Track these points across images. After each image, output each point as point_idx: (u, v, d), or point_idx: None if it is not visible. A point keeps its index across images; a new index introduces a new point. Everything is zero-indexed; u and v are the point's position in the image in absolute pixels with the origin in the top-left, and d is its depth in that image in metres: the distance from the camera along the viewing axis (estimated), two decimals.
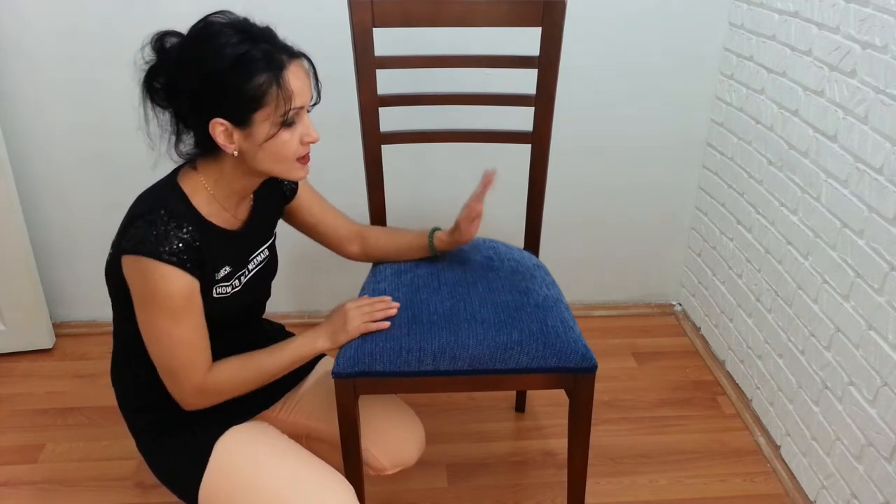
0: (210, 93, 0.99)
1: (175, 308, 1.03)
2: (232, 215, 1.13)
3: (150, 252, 0.99)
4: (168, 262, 1.00)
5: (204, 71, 0.98)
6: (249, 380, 1.13)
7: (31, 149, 1.89)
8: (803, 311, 1.56)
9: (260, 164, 1.06)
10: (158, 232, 1.00)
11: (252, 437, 1.18)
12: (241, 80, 0.98)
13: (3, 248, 1.85)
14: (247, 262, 1.18)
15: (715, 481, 1.63)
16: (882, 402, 1.31)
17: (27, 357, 2.01)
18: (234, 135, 1.02)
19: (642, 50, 1.90)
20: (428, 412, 1.82)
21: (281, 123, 1.02)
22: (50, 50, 1.77)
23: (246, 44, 0.98)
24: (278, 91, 0.99)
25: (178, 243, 1.01)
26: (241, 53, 0.97)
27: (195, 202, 1.07)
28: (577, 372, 1.19)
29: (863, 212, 1.35)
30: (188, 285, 1.03)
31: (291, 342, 1.17)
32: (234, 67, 0.97)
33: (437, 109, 1.45)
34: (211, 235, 1.08)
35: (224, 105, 1.00)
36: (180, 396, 1.10)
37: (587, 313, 2.25)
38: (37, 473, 1.63)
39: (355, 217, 1.40)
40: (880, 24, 1.28)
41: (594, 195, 2.09)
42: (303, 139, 1.06)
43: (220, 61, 0.97)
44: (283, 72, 1.00)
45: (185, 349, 1.06)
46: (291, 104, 1.01)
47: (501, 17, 1.35)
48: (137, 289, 1.03)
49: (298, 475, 1.14)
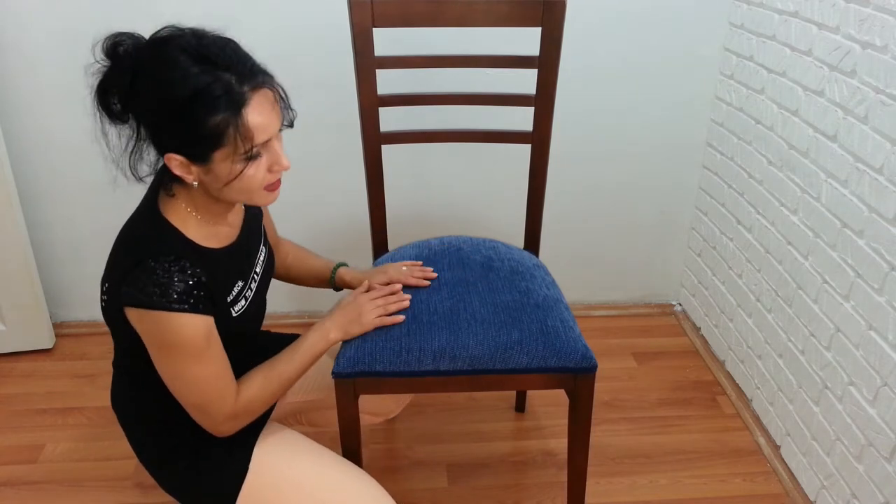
0: (165, 126, 0.92)
1: (197, 350, 0.98)
2: (227, 227, 1.09)
3: (157, 305, 0.94)
4: (180, 311, 0.94)
5: (158, 101, 0.90)
6: (276, 392, 1.11)
7: (31, 149, 1.89)
8: (803, 311, 1.56)
9: (225, 196, 1.00)
10: (161, 281, 0.94)
11: (282, 444, 1.16)
12: (197, 117, 0.89)
13: (3, 248, 1.85)
14: (252, 267, 1.16)
15: (715, 481, 1.63)
16: (882, 402, 1.31)
17: (27, 357, 2.01)
18: (192, 168, 0.95)
19: (642, 50, 1.90)
20: (428, 412, 1.82)
21: (246, 161, 0.95)
22: (50, 50, 1.77)
23: (206, 75, 0.89)
24: (237, 131, 0.91)
25: (185, 287, 0.95)
26: (198, 88, 0.88)
27: (188, 233, 1.01)
28: (578, 372, 1.19)
29: (863, 212, 1.35)
30: (204, 326, 0.98)
31: (304, 341, 1.14)
32: (190, 102, 0.88)
33: (437, 109, 1.45)
34: (212, 262, 1.03)
35: (179, 140, 0.93)
36: (214, 427, 1.06)
37: (587, 313, 2.25)
38: (37, 473, 1.62)
39: (356, 217, 1.40)
40: (880, 24, 1.28)
41: (594, 195, 2.09)
42: (271, 168, 0.98)
43: (176, 93, 0.88)
44: (244, 109, 0.90)
45: (213, 383, 1.02)
46: (253, 143, 0.93)
47: (501, 17, 1.35)
48: (152, 340, 0.99)
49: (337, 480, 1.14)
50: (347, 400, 1.19)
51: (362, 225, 1.65)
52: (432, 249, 1.39)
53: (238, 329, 1.09)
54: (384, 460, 1.67)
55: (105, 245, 1.08)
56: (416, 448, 1.70)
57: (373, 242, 1.53)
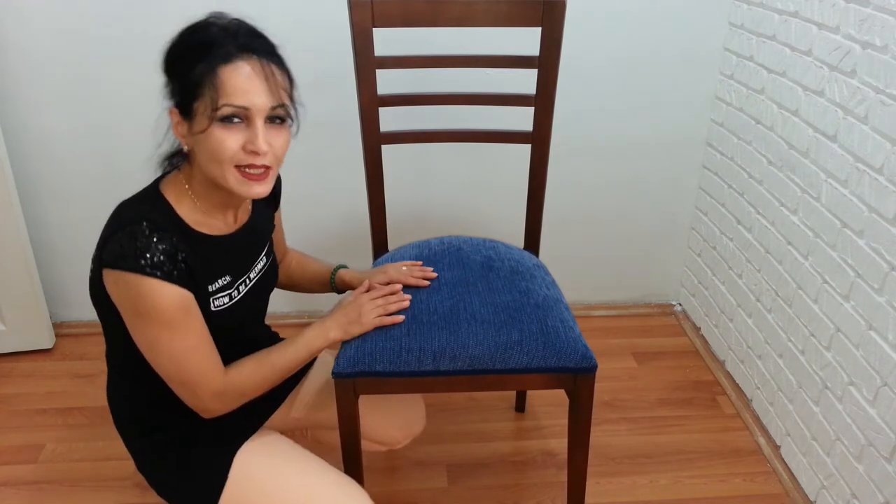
0: (167, 77, 1.00)
1: (171, 320, 0.97)
2: (221, 221, 1.09)
3: (131, 266, 0.94)
4: (151, 276, 0.94)
5: (166, 54, 1.00)
6: (267, 378, 1.10)
7: (31, 149, 1.89)
8: (803, 311, 1.56)
9: (203, 164, 1.01)
10: (140, 244, 0.94)
11: (268, 449, 1.17)
12: (185, 66, 0.96)
13: (3, 247, 1.85)
14: (248, 269, 1.15)
15: (715, 481, 1.63)
16: (882, 402, 1.31)
17: (27, 357, 2.01)
18: (184, 126, 1.00)
19: (642, 50, 1.90)
20: (428, 412, 1.81)
21: (212, 118, 0.95)
22: (50, 50, 1.77)
23: (212, 35, 0.96)
24: (211, 82, 0.95)
25: (161, 255, 0.95)
26: (194, 40, 0.97)
27: (180, 211, 1.03)
28: (578, 372, 1.19)
29: (863, 212, 1.35)
30: (178, 297, 0.97)
31: (303, 336, 1.14)
32: (184, 53, 0.97)
33: (437, 109, 1.45)
34: (200, 245, 1.03)
35: (173, 91, 1.00)
36: (200, 405, 1.05)
37: (587, 313, 2.25)
38: (37, 473, 1.63)
39: (356, 217, 1.40)
40: (880, 24, 1.28)
41: (594, 195, 2.09)
42: (245, 146, 0.98)
43: (178, 47, 0.98)
44: (224, 64, 0.95)
45: (193, 359, 1.01)
46: (221, 100, 0.95)
47: (501, 17, 1.35)
48: (125, 305, 0.98)
49: (320, 488, 1.14)
50: (347, 400, 1.18)
51: (362, 225, 1.66)
52: (432, 249, 1.39)
53: (219, 324, 1.07)
54: (384, 460, 1.67)
55: None
56: (416, 448, 1.70)
57: (373, 242, 1.53)
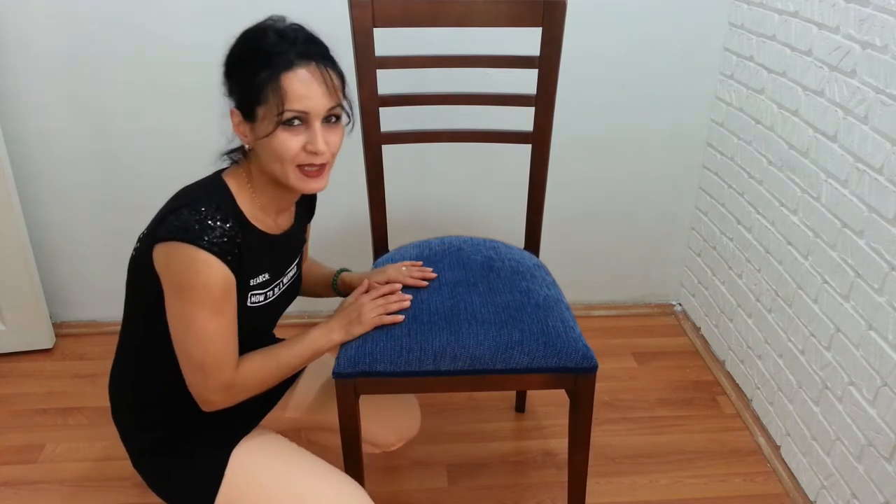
0: (227, 80, 1.05)
1: (213, 299, 0.99)
2: (273, 221, 1.13)
3: (191, 239, 0.97)
4: (209, 251, 0.97)
5: (227, 59, 1.04)
6: (272, 373, 1.11)
7: (31, 149, 1.89)
8: (803, 311, 1.56)
9: (265, 162, 1.06)
10: (201, 219, 0.98)
11: (265, 447, 1.17)
12: (247, 72, 1.00)
13: (3, 247, 1.85)
14: (284, 273, 1.17)
15: (715, 481, 1.63)
16: (882, 402, 1.31)
17: (27, 357, 2.01)
18: (245, 126, 1.04)
19: (642, 50, 1.90)
20: (428, 412, 1.82)
21: (277, 122, 1.00)
22: (50, 50, 1.77)
23: (272, 41, 1.00)
24: (274, 90, 0.99)
25: (222, 235, 0.99)
26: (255, 47, 1.01)
27: (240, 202, 1.07)
28: (578, 372, 1.19)
29: (863, 212, 1.35)
30: (227, 279, 1.00)
31: (307, 336, 1.15)
32: (246, 59, 1.01)
33: (437, 109, 1.46)
34: (252, 238, 1.06)
35: (235, 94, 1.04)
36: (205, 394, 1.05)
37: (587, 313, 2.25)
38: (37, 473, 1.62)
39: (356, 217, 1.40)
40: (880, 24, 1.29)
41: (594, 195, 2.09)
42: (306, 146, 1.03)
43: (239, 52, 1.03)
44: (285, 72, 0.99)
45: (219, 343, 1.02)
46: (285, 105, 0.99)
47: (501, 17, 1.35)
48: (173, 277, 0.99)
49: (318, 486, 1.14)
50: (348, 399, 1.18)
51: (362, 225, 1.66)
52: (433, 249, 1.39)
53: (249, 322, 1.10)
54: (384, 460, 1.67)
55: (105, 245, 1.08)
56: (416, 448, 1.70)
57: (373, 242, 1.53)
